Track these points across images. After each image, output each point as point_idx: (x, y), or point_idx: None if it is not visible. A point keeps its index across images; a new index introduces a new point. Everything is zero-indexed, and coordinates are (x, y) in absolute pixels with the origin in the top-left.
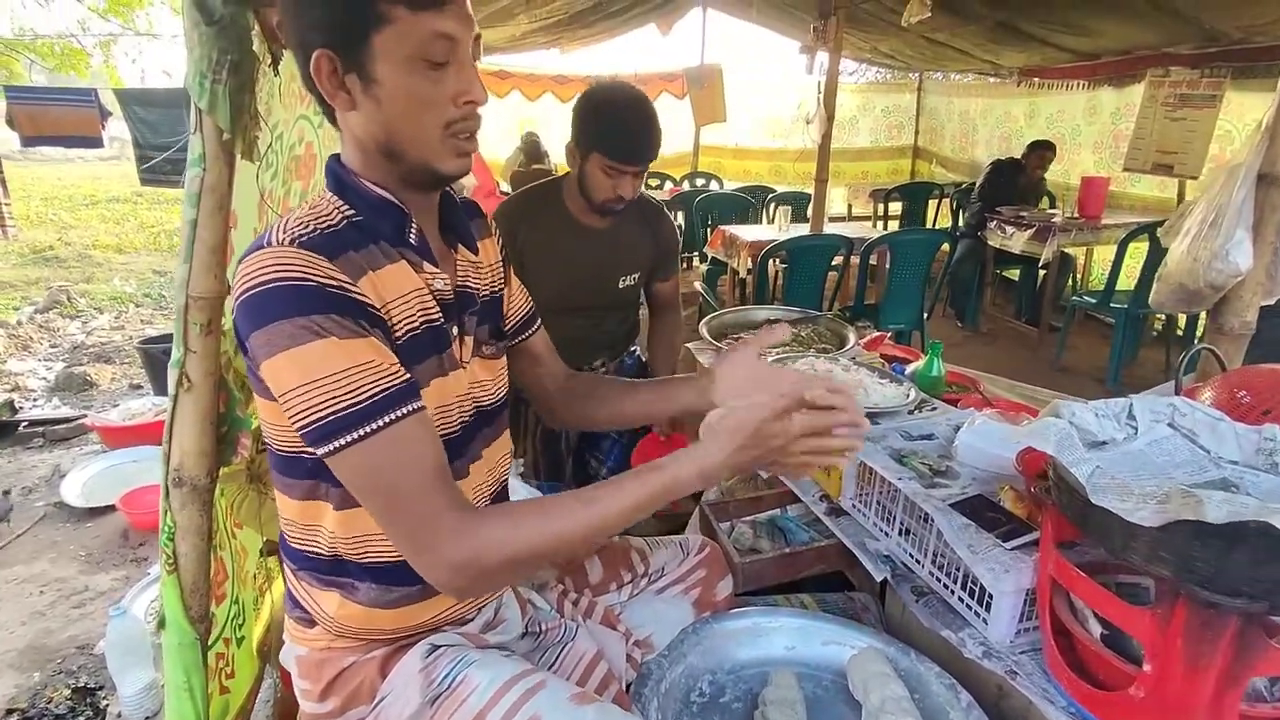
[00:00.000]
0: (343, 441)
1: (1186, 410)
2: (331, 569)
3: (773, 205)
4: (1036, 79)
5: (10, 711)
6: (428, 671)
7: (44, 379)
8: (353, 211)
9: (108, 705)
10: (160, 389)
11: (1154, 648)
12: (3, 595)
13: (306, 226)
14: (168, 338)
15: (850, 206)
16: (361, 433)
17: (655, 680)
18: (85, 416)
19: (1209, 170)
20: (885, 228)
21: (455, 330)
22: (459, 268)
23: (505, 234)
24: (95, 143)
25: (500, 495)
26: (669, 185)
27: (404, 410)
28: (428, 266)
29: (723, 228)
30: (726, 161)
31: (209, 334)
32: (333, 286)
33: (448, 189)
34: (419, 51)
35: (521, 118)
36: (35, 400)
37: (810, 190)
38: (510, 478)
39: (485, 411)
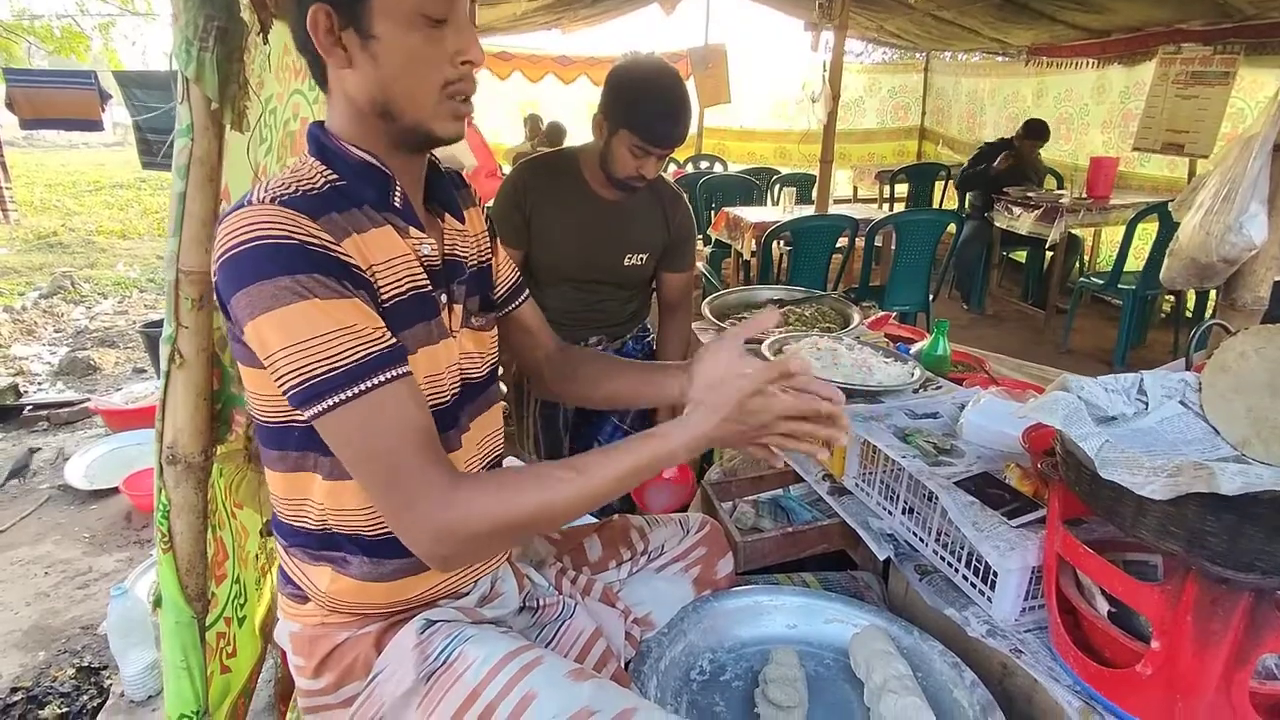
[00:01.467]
0: (329, 403)
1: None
2: (322, 543)
3: (777, 187)
4: (1045, 58)
5: (16, 690)
6: (423, 647)
7: (48, 363)
8: (335, 176)
9: (111, 685)
10: None
11: (1163, 624)
12: (8, 576)
13: (288, 186)
14: None
15: (856, 188)
16: (347, 394)
17: (655, 658)
18: (89, 400)
19: (1220, 148)
20: (891, 209)
21: (444, 299)
22: (446, 236)
23: (513, 197)
24: (95, 126)
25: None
26: (673, 167)
27: (391, 374)
28: (414, 231)
29: (727, 209)
30: (731, 143)
31: (201, 308)
32: (315, 245)
33: (432, 159)
34: (418, 7)
35: (523, 100)
36: (40, 384)
37: (815, 172)
38: (508, 457)
39: (472, 384)
